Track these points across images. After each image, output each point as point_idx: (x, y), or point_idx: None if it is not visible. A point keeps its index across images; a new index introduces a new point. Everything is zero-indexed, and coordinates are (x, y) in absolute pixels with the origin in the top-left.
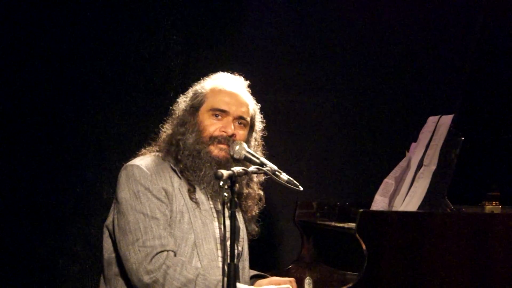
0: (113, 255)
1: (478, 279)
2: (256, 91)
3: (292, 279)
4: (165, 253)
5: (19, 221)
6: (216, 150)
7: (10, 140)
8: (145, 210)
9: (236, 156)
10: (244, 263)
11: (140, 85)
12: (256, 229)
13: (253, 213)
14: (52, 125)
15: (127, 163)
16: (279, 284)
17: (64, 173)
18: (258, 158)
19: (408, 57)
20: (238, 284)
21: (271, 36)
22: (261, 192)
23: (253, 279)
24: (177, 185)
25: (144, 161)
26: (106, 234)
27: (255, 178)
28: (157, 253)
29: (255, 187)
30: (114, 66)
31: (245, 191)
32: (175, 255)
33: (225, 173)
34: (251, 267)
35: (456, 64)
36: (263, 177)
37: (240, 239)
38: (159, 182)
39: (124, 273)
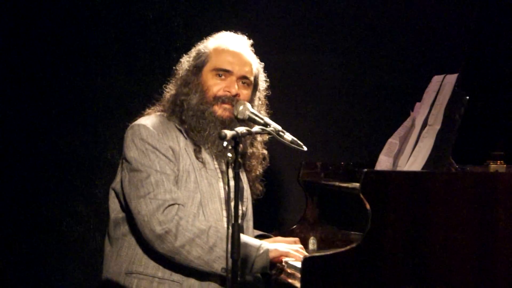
0: (120, 215)
1: (483, 238)
2: (259, 51)
3: (296, 239)
4: (177, 206)
5: (23, 183)
6: (220, 110)
7: (13, 100)
8: (155, 166)
9: (240, 116)
10: (248, 223)
11: (143, 46)
12: (261, 188)
13: (257, 173)
14: (56, 86)
15: (133, 123)
16: (289, 247)
17: (68, 134)
18: (262, 118)
19: (412, 15)
20: (246, 237)
21: None
22: (265, 151)
23: (259, 237)
24: (183, 144)
25: (150, 120)
26: (112, 195)
27: (259, 137)
28: (169, 205)
29: (259, 146)
30: (117, 27)
31: (249, 150)
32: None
33: (228, 133)
34: (255, 227)
35: (460, 22)
36: (267, 137)
37: (244, 199)
38: (166, 141)
39: (131, 233)
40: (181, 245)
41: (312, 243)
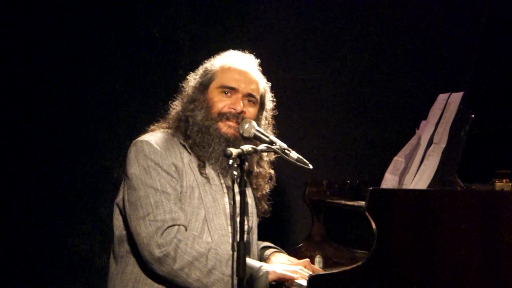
0: (124, 232)
1: (489, 257)
2: (266, 70)
3: (307, 260)
4: (176, 227)
5: (29, 200)
6: (225, 127)
7: (22, 118)
8: (156, 185)
9: (245, 134)
10: (252, 236)
11: (150, 63)
12: (266, 207)
13: (264, 192)
14: (62, 103)
15: (137, 139)
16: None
17: (74, 151)
18: (267, 136)
19: (418, 34)
20: (248, 260)
21: (282, 13)
22: (272, 171)
23: (264, 249)
24: (187, 160)
25: (153, 136)
26: (116, 212)
27: (266, 157)
28: (168, 227)
29: (266, 166)
30: (124, 44)
31: (256, 169)
32: (186, 230)
33: (234, 151)
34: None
35: (466, 41)
36: (274, 156)
37: (250, 214)
38: (169, 158)
39: (135, 250)
40: (180, 268)
41: (318, 261)
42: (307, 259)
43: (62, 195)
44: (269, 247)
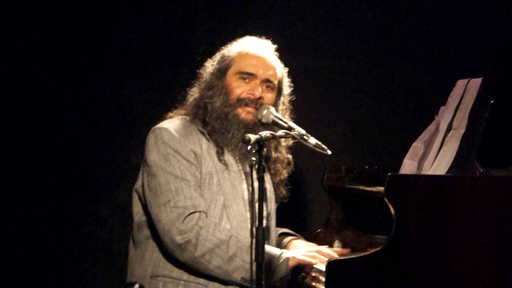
0: (143, 218)
1: (508, 242)
2: (283, 55)
3: (326, 247)
4: (197, 214)
5: (49, 186)
6: (244, 113)
7: (43, 105)
8: (176, 171)
9: (264, 120)
10: (271, 222)
11: (167, 50)
12: (285, 192)
13: (282, 177)
14: (81, 90)
15: (155, 126)
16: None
17: (93, 138)
18: (286, 122)
19: (437, 19)
20: (267, 246)
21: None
22: (290, 156)
23: (282, 236)
24: (205, 147)
25: (172, 123)
26: (135, 198)
27: (284, 142)
28: (189, 214)
29: (284, 151)
30: (141, 32)
31: (274, 155)
32: (206, 216)
33: (252, 137)
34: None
35: (486, 27)
36: (292, 141)
37: (268, 200)
38: (188, 144)
39: (155, 236)
40: (201, 254)
41: (336, 246)
42: (326, 246)
43: (81, 181)
44: (287, 234)
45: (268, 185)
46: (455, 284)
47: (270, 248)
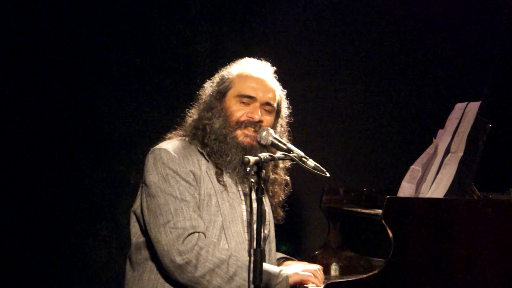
0: (142, 239)
1: (505, 265)
2: (282, 77)
3: (319, 266)
4: (197, 234)
5: (46, 205)
6: (242, 136)
7: (40, 123)
8: (175, 192)
9: (263, 142)
10: (270, 245)
11: (167, 71)
12: (282, 214)
13: (280, 198)
14: (80, 109)
15: (154, 147)
16: (307, 269)
17: (91, 157)
18: (285, 144)
19: (436, 43)
20: (266, 264)
21: (298, 21)
22: (287, 178)
23: (280, 260)
24: (204, 168)
25: (171, 144)
26: (133, 219)
27: (281, 163)
28: (188, 235)
29: (281, 172)
30: (141, 52)
31: (272, 176)
32: (205, 237)
33: (251, 159)
34: (278, 251)
35: (484, 50)
36: (289, 163)
37: (267, 223)
38: (187, 165)
39: (153, 257)
40: (202, 275)
41: (334, 269)
42: (320, 266)
43: (79, 200)
44: (286, 258)
45: (267, 208)
46: None
47: (268, 266)
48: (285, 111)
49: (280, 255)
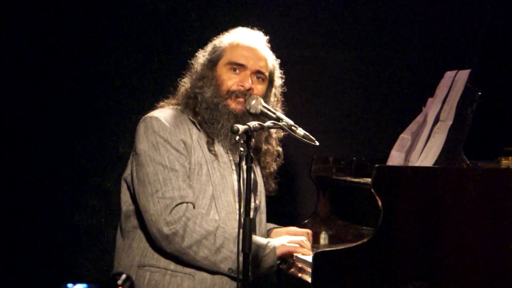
0: (132, 207)
1: (494, 233)
2: (275, 47)
3: (309, 231)
4: (185, 205)
5: (36, 176)
6: (234, 104)
7: (30, 97)
8: (164, 161)
9: (252, 110)
10: (261, 216)
11: (157, 39)
12: (273, 185)
13: (271, 170)
14: (68, 80)
15: (146, 115)
16: (296, 234)
17: (81, 127)
18: (274, 113)
19: (425, 11)
20: (254, 236)
21: None
22: (280, 149)
23: (269, 230)
24: (196, 137)
25: (162, 113)
26: (124, 187)
27: (274, 134)
28: (176, 205)
29: (274, 143)
30: (132, 21)
31: (264, 147)
32: (194, 207)
33: (240, 127)
34: (269, 221)
35: (473, 18)
36: (282, 134)
37: (258, 193)
38: (178, 134)
39: (142, 226)
40: (188, 246)
41: (323, 237)
42: (308, 230)
43: (68, 170)
44: (272, 228)
45: (259, 179)
46: (442, 275)
47: (256, 238)
48: (278, 80)
49: (270, 225)
